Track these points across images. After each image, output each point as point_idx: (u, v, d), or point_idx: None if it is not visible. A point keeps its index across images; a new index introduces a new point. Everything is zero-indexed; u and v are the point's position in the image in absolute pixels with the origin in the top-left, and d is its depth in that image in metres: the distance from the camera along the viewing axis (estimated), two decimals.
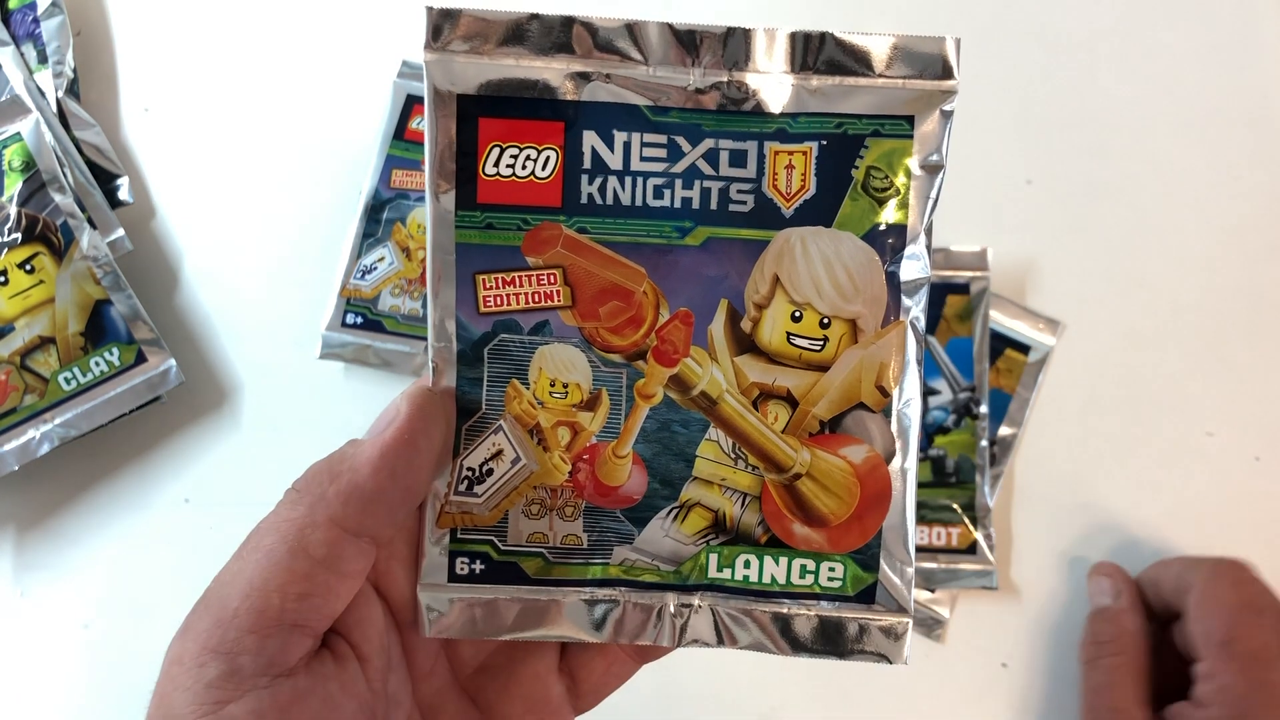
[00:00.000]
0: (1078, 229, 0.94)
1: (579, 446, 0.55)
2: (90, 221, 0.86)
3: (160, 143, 0.94)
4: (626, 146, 0.52)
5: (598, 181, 0.52)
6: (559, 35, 0.51)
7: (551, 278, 0.53)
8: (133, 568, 0.86)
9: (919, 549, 0.85)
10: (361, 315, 0.89)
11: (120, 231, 0.88)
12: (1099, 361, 0.91)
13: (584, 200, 0.53)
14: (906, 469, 0.54)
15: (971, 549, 0.86)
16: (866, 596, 0.55)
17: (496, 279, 0.53)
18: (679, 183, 0.52)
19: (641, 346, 0.54)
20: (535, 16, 0.51)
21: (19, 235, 0.84)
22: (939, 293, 0.90)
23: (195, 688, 0.46)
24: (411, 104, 0.94)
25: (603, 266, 0.53)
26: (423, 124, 0.89)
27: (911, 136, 0.52)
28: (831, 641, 0.55)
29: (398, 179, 0.92)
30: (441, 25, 0.51)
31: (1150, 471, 0.89)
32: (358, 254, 0.90)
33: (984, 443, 0.88)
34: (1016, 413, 0.90)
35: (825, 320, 0.53)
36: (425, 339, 0.86)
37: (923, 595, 0.86)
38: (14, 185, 0.85)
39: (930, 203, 0.52)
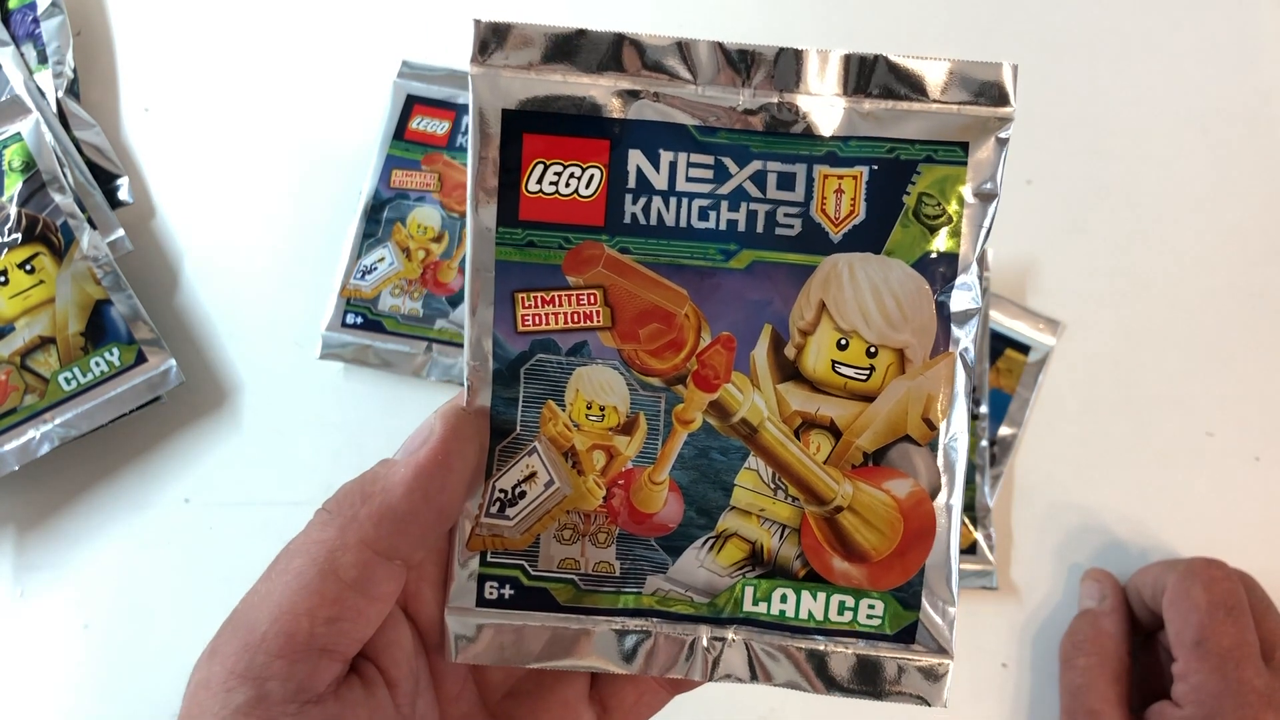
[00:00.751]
0: (1078, 229, 0.94)
1: (614, 471, 0.54)
2: (90, 221, 0.86)
3: (160, 143, 0.94)
4: (672, 166, 0.51)
5: (642, 201, 0.52)
6: (608, 52, 0.50)
7: (592, 298, 0.52)
8: (133, 568, 0.86)
9: None
10: (361, 315, 0.88)
11: (120, 231, 0.87)
12: (1099, 361, 0.92)
13: (627, 220, 0.52)
14: (952, 505, 0.53)
15: (971, 549, 0.86)
16: (906, 636, 0.54)
17: (536, 298, 0.52)
18: (725, 205, 0.51)
19: (682, 371, 0.53)
20: (583, 32, 0.50)
21: (19, 235, 0.83)
22: None
23: (222, 713, 0.46)
24: (412, 104, 0.94)
25: (644, 288, 0.52)
26: (423, 124, 0.90)
27: (965, 163, 0.51)
28: (868, 681, 0.54)
29: (397, 179, 0.91)
30: (488, 40, 0.50)
31: (1150, 471, 0.89)
32: (358, 254, 0.90)
33: (984, 443, 0.88)
34: (1016, 413, 0.90)
35: (872, 349, 0.52)
36: (425, 339, 0.87)
37: None
38: (14, 185, 0.84)
39: (983, 232, 0.52)
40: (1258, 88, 0.98)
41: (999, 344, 0.91)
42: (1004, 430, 0.89)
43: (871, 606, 0.54)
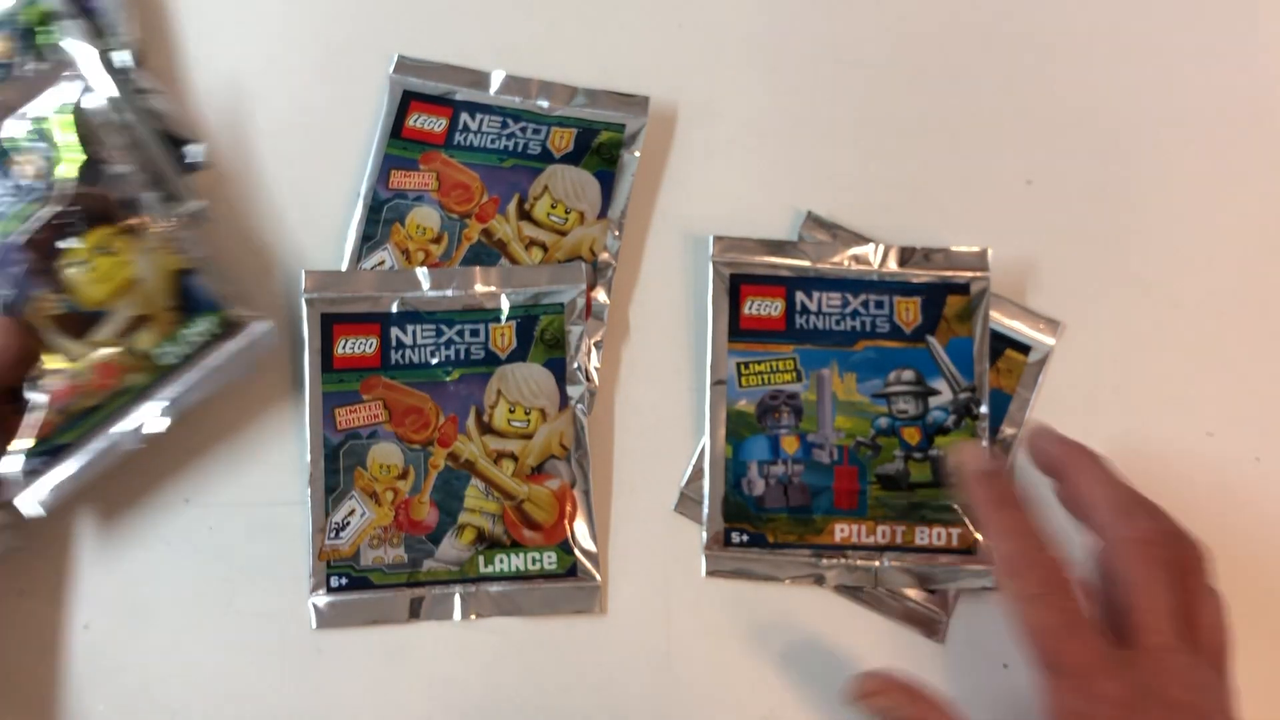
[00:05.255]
0: (1078, 229, 0.95)
1: (398, 500, 0.86)
2: (161, 193, 0.85)
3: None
4: (413, 334, 0.88)
5: (398, 352, 0.88)
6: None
7: (378, 406, 0.87)
8: (133, 568, 0.86)
9: (920, 549, 0.86)
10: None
11: (195, 202, 0.86)
12: (1099, 361, 0.92)
13: (393, 363, 0.87)
14: (587, 490, 0.87)
15: (971, 549, 0.86)
16: (570, 572, 0.86)
17: (346, 409, 0.87)
18: (442, 348, 0.88)
19: (430, 438, 0.87)
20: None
21: (92, 217, 0.82)
22: (939, 293, 0.90)
23: None
24: (408, 100, 0.94)
25: (405, 397, 0.87)
26: (419, 121, 0.92)
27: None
28: (549, 605, 0.86)
29: (396, 179, 0.92)
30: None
31: (1150, 471, 0.89)
32: (358, 257, 0.90)
33: (984, 443, 0.88)
34: (1016, 413, 0.90)
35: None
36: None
37: (922, 595, 0.86)
38: (80, 162, 0.83)
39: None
40: (1258, 88, 0.98)
41: (999, 344, 0.91)
42: (1004, 430, 0.89)
43: (550, 556, 0.86)
